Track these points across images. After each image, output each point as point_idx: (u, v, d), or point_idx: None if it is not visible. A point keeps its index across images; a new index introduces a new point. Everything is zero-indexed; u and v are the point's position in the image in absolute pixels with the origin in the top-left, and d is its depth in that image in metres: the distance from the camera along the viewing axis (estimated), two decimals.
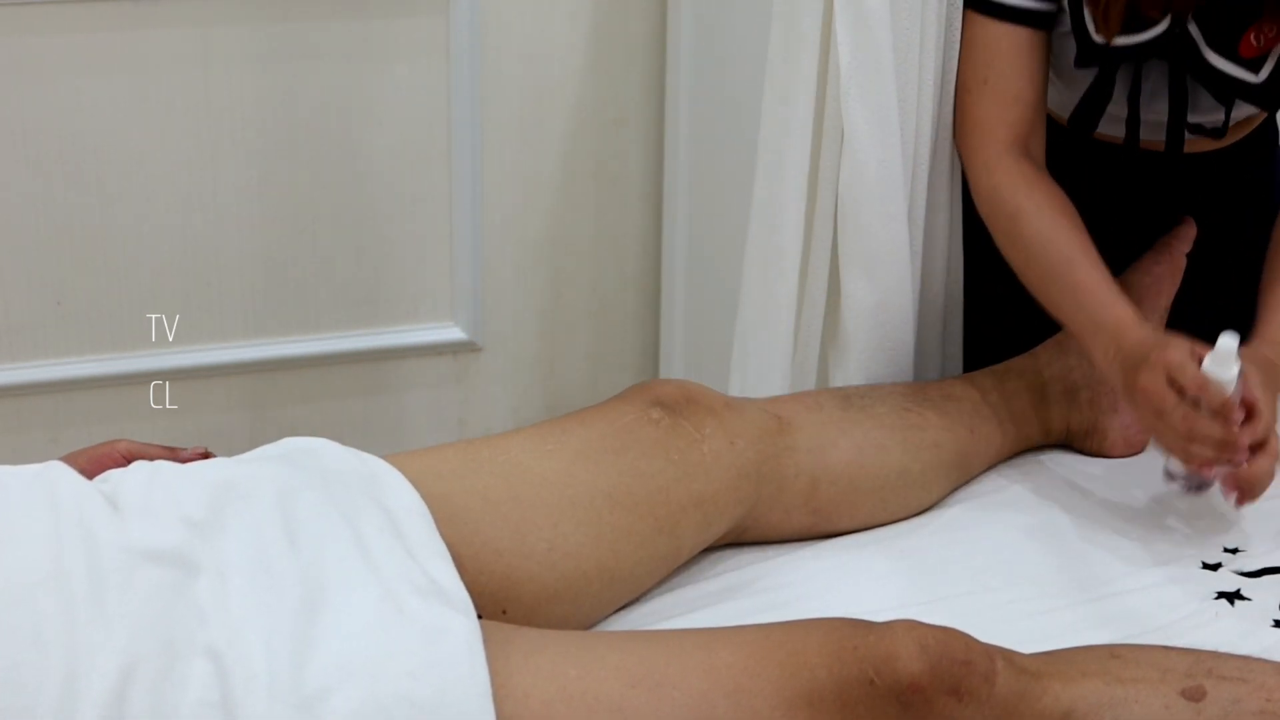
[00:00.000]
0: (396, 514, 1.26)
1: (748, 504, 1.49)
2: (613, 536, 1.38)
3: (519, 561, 1.32)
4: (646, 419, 1.45)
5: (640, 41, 2.43)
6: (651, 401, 1.47)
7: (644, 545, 1.40)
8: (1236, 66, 1.59)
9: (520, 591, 1.32)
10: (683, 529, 1.43)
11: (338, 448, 1.34)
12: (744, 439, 1.48)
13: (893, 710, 1.19)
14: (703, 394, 1.50)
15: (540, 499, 1.36)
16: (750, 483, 1.48)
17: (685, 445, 1.44)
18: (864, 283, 1.71)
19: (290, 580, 1.17)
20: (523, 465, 1.38)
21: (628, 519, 1.39)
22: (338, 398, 2.48)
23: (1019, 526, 1.59)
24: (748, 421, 1.50)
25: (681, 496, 1.42)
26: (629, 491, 1.39)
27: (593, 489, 1.38)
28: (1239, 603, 1.46)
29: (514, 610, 1.31)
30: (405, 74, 2.33)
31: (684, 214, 2.42)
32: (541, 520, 1.34)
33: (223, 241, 2.33)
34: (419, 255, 2.44)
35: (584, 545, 1.36)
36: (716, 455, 1.46)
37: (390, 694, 1.11)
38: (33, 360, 2.31)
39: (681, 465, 1.43)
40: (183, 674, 1.09)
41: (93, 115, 2.21)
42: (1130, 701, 1.23)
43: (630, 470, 1.40)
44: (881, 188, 1.67)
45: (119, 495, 1.22)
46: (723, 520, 1.48)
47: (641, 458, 1.42)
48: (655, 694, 1.17)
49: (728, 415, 1.49)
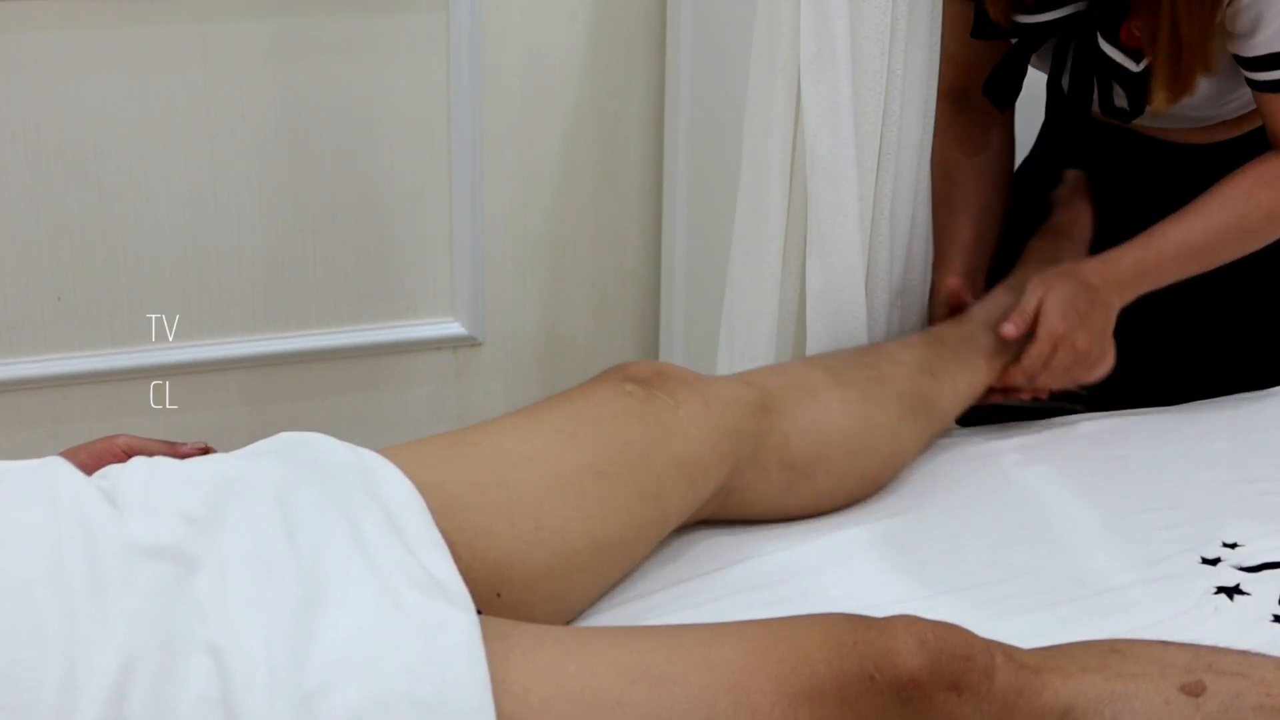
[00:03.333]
0: (393, 508, 1.26)
1: (729, 462, 1.51)
2: (599, 508, 1.39)
3: (509, 544, 1.33)
4: (621, 393, 1.48)
5: (640, 37, 2.44)
6: (625, 378, 1.50)
7: (631, 512, 1.42)
8: (1119, 52, 1.67)
9: (512, 573, 1.33)
10: (668, 492, 1.45)
11: (332, 442, 1.34)
12: (718, 402, 1.52)
13: (893, 705, 1.19)
14: (674, 369, 1.55)
15: (525, 479, 1.37)
16: (729, 441, 1.51)
17: (661, 412, 1.47)
18: (818, 268, 1.74)
19: (290, 576, 1.17)
20: (505, 447, 1.40)
21: (612, 488, 1.40)
22: (338, 393, 2.48)
23: (1018, 522, 1.59)
24: (720, 387, 1.55)
25: (663, 460, 1.45)
26: (610, 461, 1.41)
27: (575, 463, 1.40)
28: (1238, 598, 1.46)
29: (508, 592, 1.32)
30: (405, 70, 2.33)
31: (683, 209, 2.42)
32: (528, 500, 1.36)
33: (223, 237, 2.33)
34: (419, 250, 2.44)
35: (571, 520, 1.37)
36: (693, 418, 1.49)
37: (390, 690, 1.11)
38: (33, 355, 2.31)
39: (659, 430, 1.46)
40: (183, 670, 1.09)
41: (93, 111, 2.21)
42: (1130, 697, 1.23)
43: (610, 440, 1.43)
44: (830, 175, 1.70)
45: (117, 491, 1.22)
46: (707, 481, 1.49)
47: (620, 427, 1.44)
48: (655, 689, 1.17)
49: (699, 384, 1.53)
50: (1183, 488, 1.65)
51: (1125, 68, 1.69)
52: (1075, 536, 1.57)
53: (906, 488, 1.66)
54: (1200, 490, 1.64)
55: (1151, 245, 1.71)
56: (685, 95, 2.36)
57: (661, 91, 2.45)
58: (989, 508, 1.61)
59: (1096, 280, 1.69)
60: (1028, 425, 1.82)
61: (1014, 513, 1.60)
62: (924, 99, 1.75)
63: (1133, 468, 1.69)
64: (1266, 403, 1.82)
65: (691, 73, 2.34)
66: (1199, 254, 1.72)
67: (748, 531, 1.56)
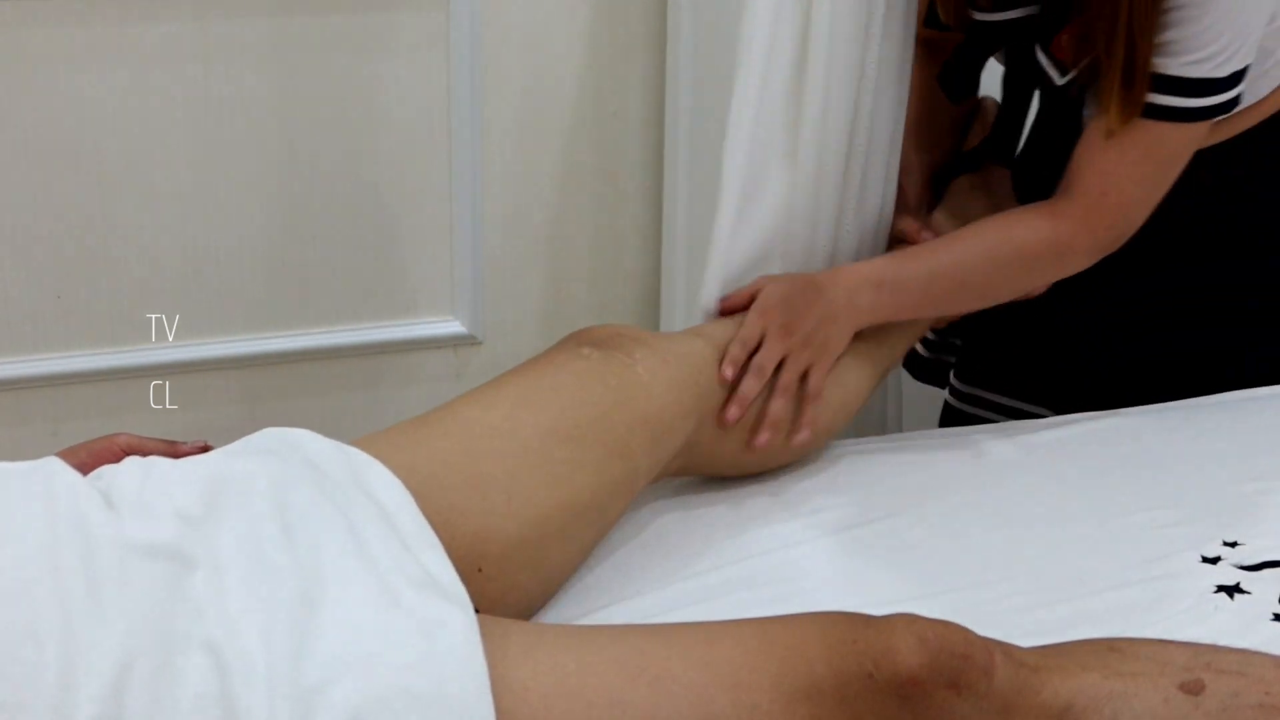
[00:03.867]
0: (386, 505, 1.27)
1: (693, 418, 1.54)
2: (567, 471, 1.41)
3: (483, 519, 1.34)
4: (578, 356, 1.50)
5: (640, 35, 2.43)
6: (581, 342, 1.53)
7: (599, 473, 1.43)
8: (1049, 61, 1.67)
9: (488, 548, 1.34)
10: (634, 450, 1.47)
11: (317, 438, 1.34)
12: (676, 357, 1.55)
13: (892, 704, 1.19)
14: (630, 329, 1.58)
15: (492, 449, 1.38)
16: (691, 394, 1.54)
17: (620, 370, 1.49)
18: None
19: (287, 574, 1.17)
20: (469, 419, 1.41)
21: (577, 450, 1.42)
22: (338, 391, 2.48)
23: (1017, 520, 1.59)
24: (677, 342, 1.59)
25: (626, 418, 1.46)
26: (574, 424, 1.43)
27: (539, 429, 1.41)
28: (1238, 596, 1.46)
29: (488, 567, 1.33)
30: (405, 67, 2.33)
31: (684, 207, 2.42)
32: (497, 471, 1.37)
33: (222, 235, 2.33)
34: (419, 249, 2.44)
35: (540, 488, 1.38)
36: (653, 373, 1.51)
37: (389, 686, 1.11)
38: (32, 353, 2.31)
39: (620, 389, 1.48)
40: (181, 668, 1.09)
41: (92, 108, 2.21)
42: (1129, 695, 1.23)
43: (571, 403, 1.45)
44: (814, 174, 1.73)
45: (112, 491, 1.22)
46: (672, 436, 1.52)
47: (580, 389, 1.46)
48: (654, 687, 1.17)
49: (656, 342, 1.56)
50: (1183, 486, 1.65)
51: (1050, 78, 1.68)
52: (1075, 535, 1.56)
53: (906, 487, 1.66)
54: (1200, 489, 1.64)
55: (898, 259, 1.71)
56: (685, 92, 2.36)
57: (662, 89, 2.45)
58: (987, 506, 1.61)
59: (824, 280, 1.67)
60: (1027, 424, 1.82)
61: (1013, 511, 1.60)
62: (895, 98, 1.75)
63: (1132, 466, 1.69)
64: (1267, 402, 1.82)
65: (692, 70, 2.34)
66: (945, 279, 1.68)
67: (747, 531, 1.57)
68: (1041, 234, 1.67)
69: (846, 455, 1.72)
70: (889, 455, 1.73)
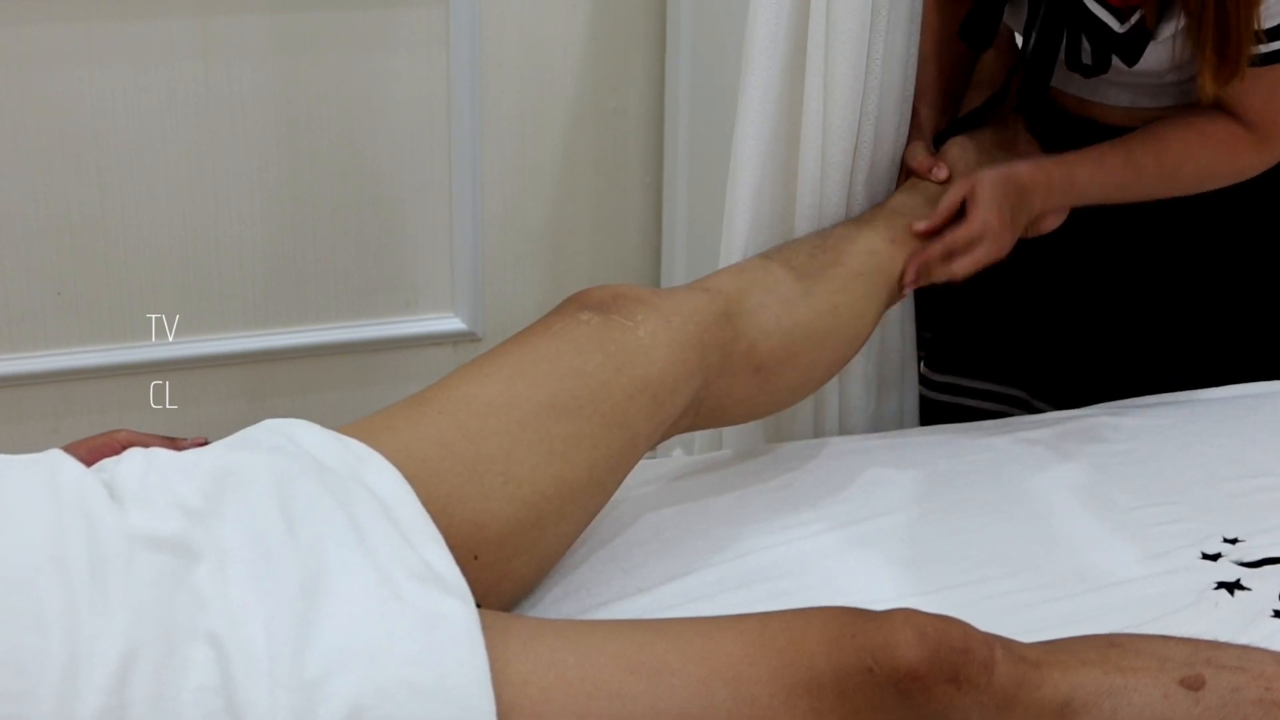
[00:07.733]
0: (386, 498, 1.26)
1: (698, 376, 1.50)
2: (564, 447, 1.38)
3: (480, 503, 1.33)
4: (576, 322, 1.47)
5: (640, 30, 2.44)
6: (581, 307, 1.49)
7: (597, 446, 1.41)
8: (1104, 10, 1.65)
9: (486, 533, 1.33)
10: (633, 419, 1.44)
11: (316, 429, 1.33)
12: (679, 315, 1.50)
13: (892, 698, 1.19)
14: (631, 289, 1.53)
15: (488, 427, 1.36)
16: (694, 353, 1.50)
17: (619, 335, 1.46)
18: None
19: (289, 566, 1.17)
20: (467, 396, 1.39)
21: (575, 424, 1.39)
22: (338, 388, 2.48)
23: (1018, 517, 1.59)
24: (680, 299, 1.53)
25: (625, 386, 1.43)
26: (572, 395, 1.40)
27: (535, 403, 1.38)
28: (1239, 593, 1.46)
29: (484, 554, 1.32)
30: (405, 63, 2.33)
31: (684, 203, 2.42)
32: (494, 452, 1.35)
33: (222, 232, 2.33)
34: (419, 245, 2.44)
35: (538, 466, 1.36)
36: (653, 336, 1.47)
37: (390, 679, 1.11)
38: (33, 350, 2.31)
39: (619, 355, 1.44)
40: (184, 659, 1.09)
41: (92, 105, 2.21)
42: (1129, 690, 1.23)
43: (569, 373, 1.41)
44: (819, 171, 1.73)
45: (116, 483, 1.22)
46: (674, 399, 1.48)
47: (578, 357, 1.43)
48: (654, 681, 1.17)
49: (658, 300, 1.51)
50: (1184, 483, 1.65)
51: (1109, 26, 1.67)
52: (1075, 531, 1.57)
53: (906, 484, 1.66)
54: (1201, 486, 1.64)
55: (1087, 162, 1.71)
56: (685, 88, 2.36)
57: (661, 85, 2.45)
58: (988, 503, 1.61)
59: (1027, 180, 1.69)
60: (1027, 421, 1.82)
61: (1014, 508, 1.60)
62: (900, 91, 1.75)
63: (1133, 463, 1.69)
64: (1267, 399, 1.82)
65: (691, 66, 2.34)
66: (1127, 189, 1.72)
67: (747, 526, 1.57)
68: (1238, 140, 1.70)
69: (847, 452, 1.72)
70: (888, 452, 1.73)
